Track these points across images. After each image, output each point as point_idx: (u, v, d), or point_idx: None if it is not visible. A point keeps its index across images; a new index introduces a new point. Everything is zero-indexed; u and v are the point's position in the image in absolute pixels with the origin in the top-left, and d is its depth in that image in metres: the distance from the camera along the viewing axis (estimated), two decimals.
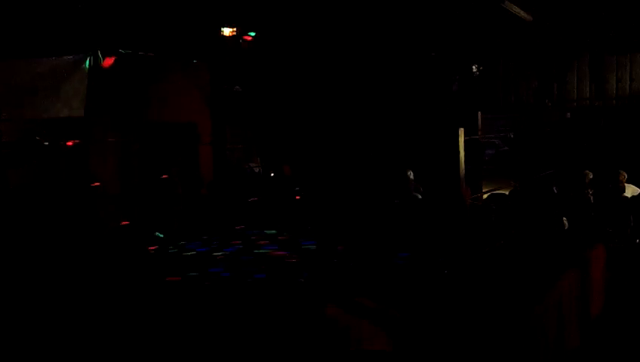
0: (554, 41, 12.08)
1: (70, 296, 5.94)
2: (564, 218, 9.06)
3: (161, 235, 8.51)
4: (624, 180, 10.28)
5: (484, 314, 4.82)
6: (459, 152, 4.17)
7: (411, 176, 11.05)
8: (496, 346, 4.50)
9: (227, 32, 10.46)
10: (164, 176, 9.96)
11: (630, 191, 10.13)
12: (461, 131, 4.19)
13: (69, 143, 8.18)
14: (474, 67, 13.19)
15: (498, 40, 12.24)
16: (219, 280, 6.57)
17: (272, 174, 12.63)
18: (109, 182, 9.55)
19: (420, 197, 10.56)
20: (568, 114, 12.13)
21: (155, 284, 6.34)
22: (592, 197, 10.20)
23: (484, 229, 8.83)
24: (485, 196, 10.37)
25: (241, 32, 10.55)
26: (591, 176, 10.46)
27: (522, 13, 10.51)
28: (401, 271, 6.62)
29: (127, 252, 7.08)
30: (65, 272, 6.62)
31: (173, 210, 10.12)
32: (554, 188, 10.12)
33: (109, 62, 8.55)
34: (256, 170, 12.28)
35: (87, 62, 9.08)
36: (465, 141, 4.20)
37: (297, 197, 8.93)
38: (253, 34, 10.69)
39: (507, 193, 10.35)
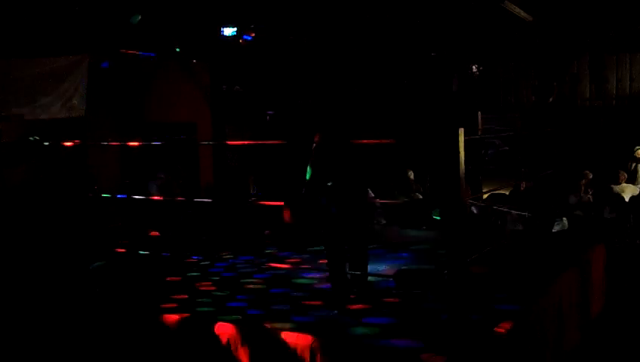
0: (554, 41, 12.09)
1: (69, 295, 5.94)
2: (564, 218, 9.07)
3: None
4: (624, 180, 10.29)
5: (483, 313, 4.82)
6: (459, 152, 4.16)
7: (412, 176, 11.08)
8: (496, 346, 4.50)
9: (227, 32, 10.47)
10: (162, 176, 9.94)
11: (630, 191, 10.13)
12: (461, 131, 4.17)
13: (69, 143, 8.17)
14: (474, 67, 13.20)
15: (498, 40, 12.24)
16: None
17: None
18: (109, 182, 9.56)
19: (420, 197, 10.58)
20: (551, 99, 12.12)
21: (153, 284, 6.34)
22: (591, 197, 10.21)
23: (484, 229, 8.83)
24: (485, 196, 10.37)
25: (241, 32, 10.56)
26: (591, 176, 10.48)
27: (522, 13, 10.51)
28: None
29: (125, 252, 7.08)
30: (63, 272, 6.61)
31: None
32: (554, 188, 10.13)
33: None
34: None
35: (87, 62, 9.08)
36: (465, 141, 4.19)
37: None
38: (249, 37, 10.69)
39: (507, 193, 10.36)
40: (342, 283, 5.48)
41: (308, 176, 5.56)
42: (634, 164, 10.76)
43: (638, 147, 10.82)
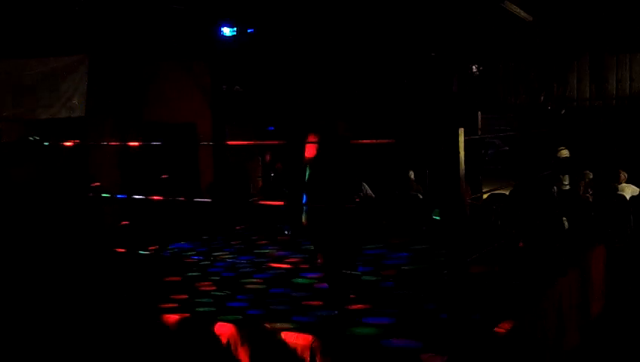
0: (554, 41, 12.09)
1: (70, 295, 5.94)
2: (564, 218, 9.06)
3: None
4: (624, 180, 10.28)
5: (484, 313, 4.82)
6: (459, 152, 4.16)
7: (412, 176, 11.09)
8: (496, 346, 4.50)
9: (227, 32, 10.48)
10: (163, 176, 9.94)
11: (630, 191, 10.13)
12: (461, 131, 4.17)
13: (69, 143, 8.17)
14: (474, 67, 13.20)
15: (498, 40, 12.24)
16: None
17: (273, 174, 12.62)
18: (109, 182, 9.55)
19: (420, 196, 10.59)
20: (563, 110, 12.14)
21: (154, 284, 6.34)
22: (591, 197, 10.21)
23: (484, 229, 8.83)
24: (485, 196, 10.37)
25: (242, 31, 10.57)
26: (591, 176, 10.47)
27: (522, 13, 10.52)
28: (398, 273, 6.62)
29: (127, 252, 7.07)
30: (65, 272, 6.62)
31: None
32: (554, 188, 10.13)
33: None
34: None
35: (87, 62, 9.08)
36: (465, 141, 4.18)
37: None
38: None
39: (507, 193, 10.36)
40: (339, 283, 5.49)
41: (307, 178, 5.56)
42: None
43: (561, 147, 10.68)
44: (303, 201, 5.61)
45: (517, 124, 13.09)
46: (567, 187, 10.13)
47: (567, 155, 10.40)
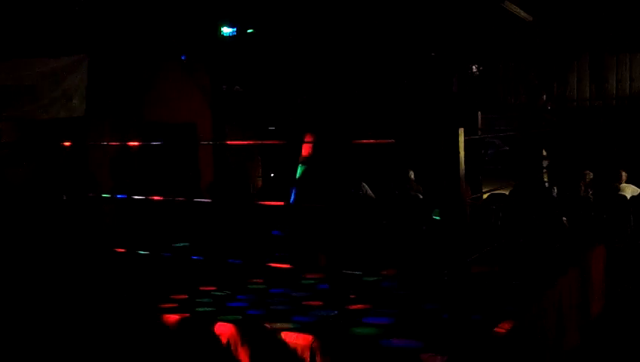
0: (554, 41, 12.10)
1: (70, 295, 5.94)
2: (564, 218, 9.07)
3: None
4: (625, 180, 10.29)
5: (484, 313, 4.82)
6: (459, 152, 4.16)
7: (412, 176, 11.09)
8: (496, 346, 4.50)
9: (227, 31, 10.49)
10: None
11: (630, 191, 10.13)
12: (461, 131, 4.17)
13: (69, 143, 8.17)
14: (474, 67, 13.21)
15: (498, 40, 12.25)
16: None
17: (272, 175, 12.65)
18: (108, 182, 9.56)
19: (420, 196, 10.59)
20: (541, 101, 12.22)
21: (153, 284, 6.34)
22: (592, 197, 10.21)
23: (484, 229, 8.83)
24: (485, 196, 10.37)
25: (241, 31, 10.58)
26: (591, 176, 10.48)
27: (522, 13, 10.52)
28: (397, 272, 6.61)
29: (127, 251, 7.07)
30: (64, 272, 6.61)
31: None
32: (554, 189, 10.14)
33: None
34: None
35: (87, 62, 9.09)
36: (465, 141, 4.18)
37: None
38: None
39: (507, 193, 10.36)
40: (340, 283, 5.49)
41: (298, 175, 5.56)
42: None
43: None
44: (291, 200, 5.61)
45: (517, 124, 13.11)
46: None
47: (544, 153, 10.47)
